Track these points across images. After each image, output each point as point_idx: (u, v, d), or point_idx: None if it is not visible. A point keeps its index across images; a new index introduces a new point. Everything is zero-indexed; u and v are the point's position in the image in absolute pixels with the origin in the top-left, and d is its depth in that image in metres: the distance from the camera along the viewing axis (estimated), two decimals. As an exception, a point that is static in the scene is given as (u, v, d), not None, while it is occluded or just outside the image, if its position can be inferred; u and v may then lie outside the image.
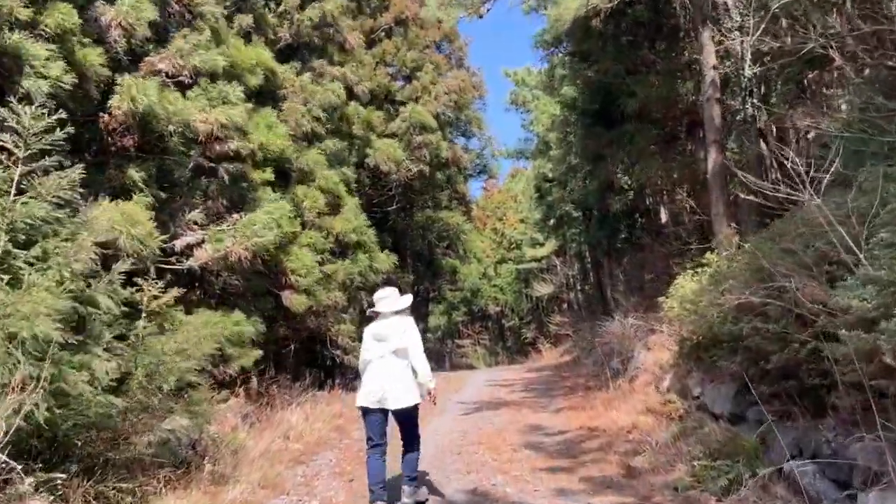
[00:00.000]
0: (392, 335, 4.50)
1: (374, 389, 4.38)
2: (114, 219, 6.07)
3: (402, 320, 4.62)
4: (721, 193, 9.43)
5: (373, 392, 4.38)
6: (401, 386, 4.38)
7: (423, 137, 15.25)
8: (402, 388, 4.39)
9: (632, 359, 9.13)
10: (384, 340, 4.51)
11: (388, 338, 4.51)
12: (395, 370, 4.42)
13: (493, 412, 8.26)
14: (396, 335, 4.50)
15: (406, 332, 4.52)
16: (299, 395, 9.92)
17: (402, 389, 4.38)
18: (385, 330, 4.54)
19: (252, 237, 7.91)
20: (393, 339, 4.49)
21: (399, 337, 4.49)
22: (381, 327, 4.58)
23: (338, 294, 11.14)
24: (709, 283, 5.98)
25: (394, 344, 4.47)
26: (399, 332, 4.51)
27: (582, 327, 26.01)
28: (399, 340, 4.48)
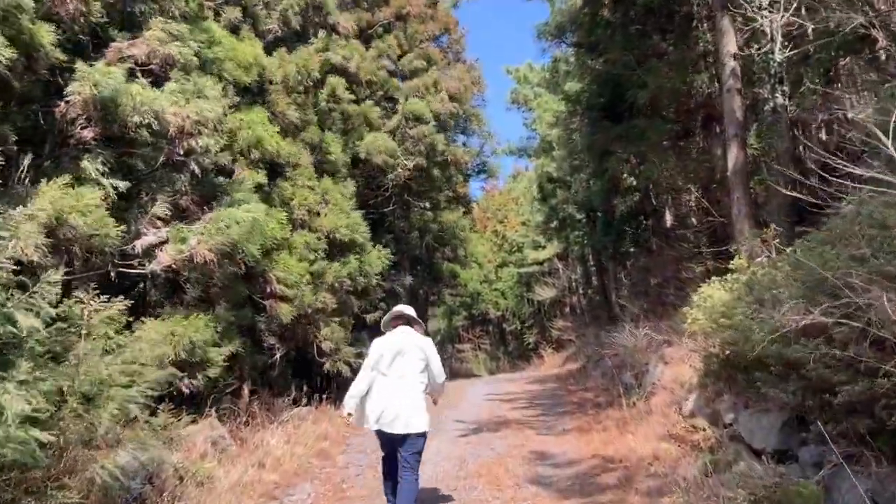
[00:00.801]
0: (412, 353, 4.29)
1: (383, 412, 4.15)
2: (58, 205, 5.30)
3: (422, 339, 4.45)
4: (743, 192, 8.64)
5: (382, 415, 4.16)
6: (413, 410, 4.16)
7: (419, 129, 14.44)
8: (414, 411, 4.16)
9: (646, 374, 8.32)
10: (402, 357, 4.28)
11: (406, 355, 4.28)
12: (406, 392, 4.19)
13: (494, 434, 7.45)
14: (418, 355, 4.30)
15: (426, 351, 4.34)
16: (283, 411, 9.14)
17: (413, 413, 4.15)
18: (404, 346, 4.31)
19: (218, 235, 7.13)
20: (411, 358, 4.28)
21: (420, 357, 4.30)
22: (398, 342, 4.34)
23: (326, 297, 10.36)
24: (744, 293, 5.18)
25: (413, 363, 4.26)
26: (421, 352, 4.32)
27: (585, 333, 25.24)
28: (418, 360, 4.29)
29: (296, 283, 9.61)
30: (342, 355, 10.66)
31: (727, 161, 8.86)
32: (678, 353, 7.97)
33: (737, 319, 4.68)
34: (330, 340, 10.39)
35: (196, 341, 7.15)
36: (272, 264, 9.50)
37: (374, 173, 15.19)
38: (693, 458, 5.20)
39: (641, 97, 10.16)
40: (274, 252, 9.69)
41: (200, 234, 7.33)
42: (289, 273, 9.59)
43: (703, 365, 6.09)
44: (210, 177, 8.32)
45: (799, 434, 4.11)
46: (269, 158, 9.79)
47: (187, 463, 5.91)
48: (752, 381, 4.87)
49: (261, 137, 9.52)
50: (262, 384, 11.44)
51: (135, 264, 7.23)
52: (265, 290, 9.59)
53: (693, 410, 5.90)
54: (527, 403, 9.79)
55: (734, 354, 5.13)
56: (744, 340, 4.57)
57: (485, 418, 8.60)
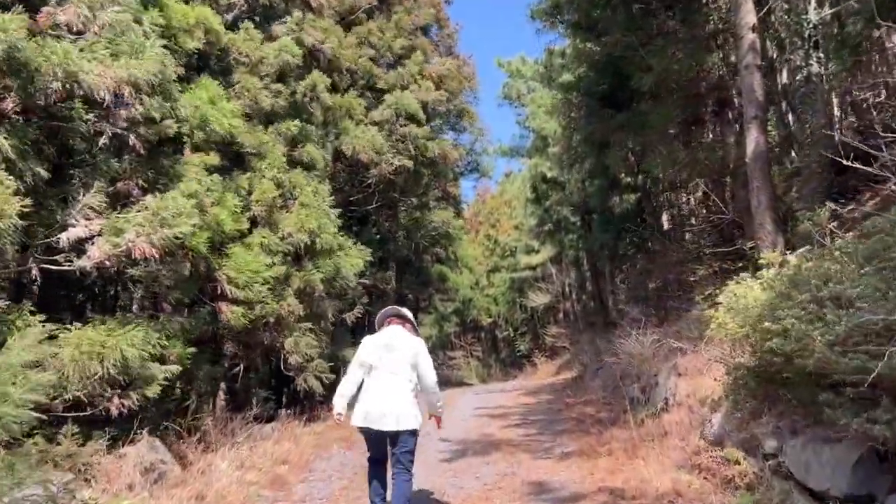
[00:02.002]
0: (403, 351, 4.24)
1: (374, 408, 4.08)
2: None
3: (414, 339, 4.40)
4: (763, 181, 7.64)
5: (373, 412, 4.08)
6: (404, 406, 4.10)
7: (409, 129, 13.41)
8: (405, 408, 4.10)
9: (655, 386, 7.29)
10: (391, 353, 4.23)
11: (396, 351, 4.24)
12: (402, 390, 4.15)
13: (482, 458, 6.39)
14: (408, 353, 4.25)
15: (419, 355, 4.28)
16: (243, 429, 8.06)
17: (404, 410, 4.09)
18: (395, 342, 4.27)
19: (162, 227, 6.07)
20: (402, 357, 4.23)
21: (410, 357, 4.24)
22: (389, 339, 4.30)
23: (292, 302, 9.28)
24: (788, 290, 4.16)
25: (403, 361, 4.21)
26: (411, 350, 4.26)
27: (580, 340, 24.28)
28: (409, 360, 4.23)
29: (248, 282, 8.52)
30: (313, 368, 9.58)
31: (745, 147, 7.87)
32: (694, 363, 6.95)
33: (787, 323, 3.65)
34: (296, 352, 9.29)
35: (130, 355, 6.06)
36: (222, 262, 8.44)
37: (356, 169, 14.16)
38: (726, 497, 4.17)
39: (646, 81, 9.17)
40: (225, 248, 8.63)
41: (140, 226, 6.30)
42: (241, 272, 8.52)
43: (731, 378, 5.06)
44: (157, 155, 7.29)
45: (884, 476, 3.09)
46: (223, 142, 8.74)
47: (103, 499, 4.84)
48: (806, 401, 3.85)
49: (208, 116, 8.42)
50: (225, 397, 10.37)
51: (61, 261, 6.20)
52: (214, 290, 8.52)
53: (720, 434, 4.86)
54: (520, 419, 8.73)
55: (778, 366, 4.11)
56: (799, 349, 3.55)
57: (472, 438, 7.54)
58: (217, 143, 8.63)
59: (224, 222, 8.41)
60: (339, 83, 14.41)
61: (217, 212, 8.48)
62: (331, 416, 10.32)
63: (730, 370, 5.14)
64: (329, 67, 13.58)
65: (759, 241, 7.71)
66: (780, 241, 7.58)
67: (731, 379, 5.12)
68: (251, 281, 8.49)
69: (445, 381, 22.65)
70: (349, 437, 8.26)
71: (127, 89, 6.28)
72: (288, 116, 10.75)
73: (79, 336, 5.70)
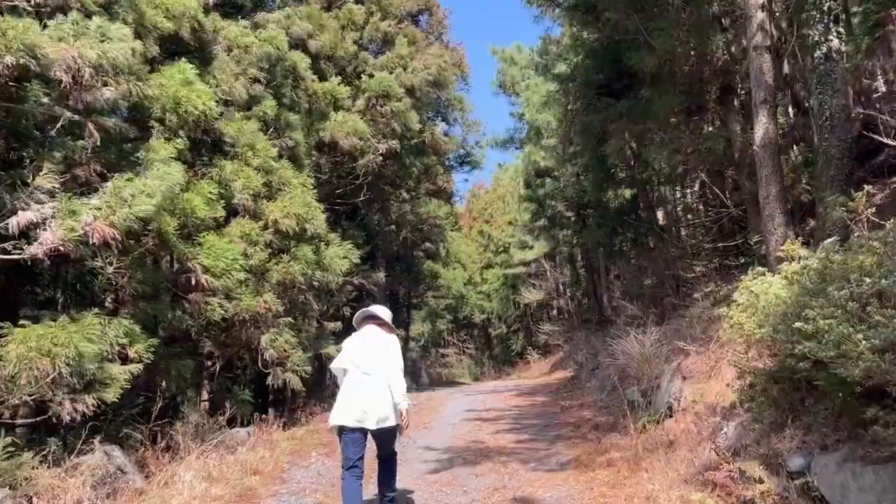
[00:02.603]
0: (379, 350, 4.31)
1: (354, 407, 4.10)
2: None
3: (389, 336, 4.46)
4: (773, 170, 7.15)
5: (353, 410, 4.09)
6: (384, 405, 4.15)
7: (389, 106, 12.83)
8: (386, 406, 4.16)
9: (657, 390, 6.78)
10: (368, 353, 4.28)
11: (374, 352, 4.29)
12: (379, 387, 4.18)
13: (471, 468, 5.87)
14: (383, 352, 4.31)
15: (390, 349, 4.34)
16: (215, 433, 7.52)
17: (385, 408, 4.15)
18: (371, 342, 4.36)
19: (122, 208, 5.53)
20: (378, 355, 4.28)
21: (384, 353, 4.30)
22: (367, 339, 4.38)
23: (270, 297, 8.74)
24: (818, 284, 3.65)
25: (380, 360, 4.26)
26: (385, 348, 4.33)
27: (574, 337, 23.83)
28: (384, 357, 4.28)
29: (226, 270, 7.97)
30: (291, 365, 9.04)
31: (750, 135, 7.37)
32: (699, 366, 6.47)
33: (823, 324, 3.14)
34: (273, 348, 8.74)
35: (87, 352, 5.53)
36: (196, 250, 7.89)
37: (342, 159, 13.59)
38: (744, 520, 3.67)
39: (648, 64, 8.66)
40: (200, 235, 8.09)
41: (97, 209, 5.75)
42: (218, 259, 7.97)
43: (745, 383, 4.56)
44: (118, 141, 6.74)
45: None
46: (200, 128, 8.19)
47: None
48: (841, 413, 3.35)
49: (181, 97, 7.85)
50: (197, 399, 9.81)
51: (10, 248, 5.65)
52: (188, 281, 7.96)
53: (735, 447, 4.35)
54: (512, 423, 8.22)
55: (805, 372, 3.61)
56: (837, 355, 3.04)
57: (460, 445, 7.02)
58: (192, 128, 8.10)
59: (197, 208, 7.88)
60: (325, 70, 13.86)
61: (190, 198, 7.95)
62: (312, 420, 9.79)
63: (743, 374, 4.64)
64: (314, 55, 13.04)
65: (766, 235, 7.23)
66: (789, 235, 7.08)
67: (745, 383, 4.62)
68: (229, 268, 7.96)
69: (436, 382, 22.14)
70: (330, 443, 7.73)
71: (88, 70, 5.78)
72: (268, 101, 10.22)
73: (26, 332, 5.16)
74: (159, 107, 7.77)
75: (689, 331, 8.93)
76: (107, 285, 7.07)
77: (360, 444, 4.09)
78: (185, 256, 7.73)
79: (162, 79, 7.81)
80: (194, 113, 7.84)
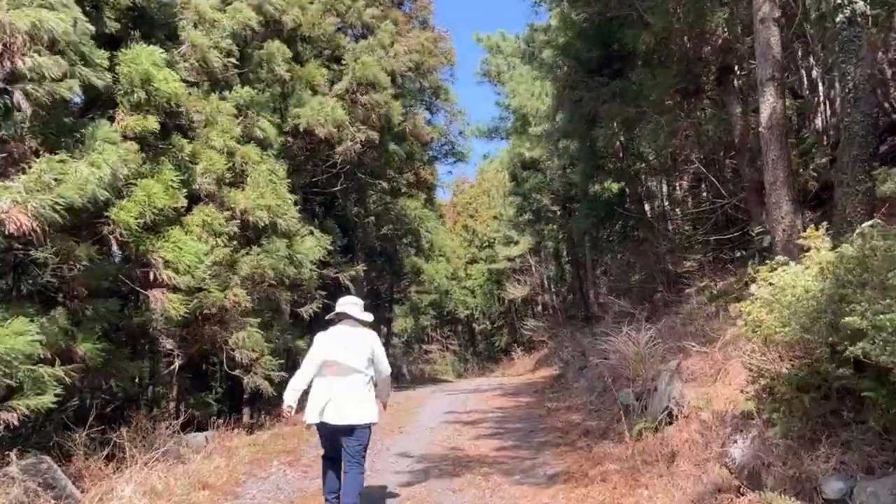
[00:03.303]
0: (356, 345, 4.20)
1: (328, 404, 4.02)
2: None
3: (367, 333, 4.35)
4: (781, 153, 6.57)
5: (327, 407, 4.02)
6: (357, 402, 4.08)
7: (371, 97, 12.13)
8: (358, 404, 4.08)
9: (654, 392, 6.17)
10: (345, 349, 4.17)
11: (350, 346, 4.19)
12: (353, 384, 4.11)
13: (448, 483, 5.22)
14: (362, 347, 4.21)
15: (374, 348, 4.26)
16: (166, 440, 6.80)
17: (357, 405, 4.07)
18: (348, 337, 4.23)
19: (42, 193, 4.82)
20: (357, 353, 4.18)
21: (365, 353, 4.20)
22: (342, 334, 4.25)
23: (238, 292, 8.05)
24: (860, 276, 3.05)
25: (358, 356, 4.16)
26: (365, 344, 4.23)
27: (560, 333, 23.32)
28: (364, 356, 4.19)
29: (191, 267, 7.29)
30: (262, 366, 8.34)
31: (760, 114, 6.78)
32: (701, 367, 5.88)
33: (882, 320, 2.53)
34: (242, 349, 8.04)
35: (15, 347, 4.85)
36: (158, 243, 7.21)
37: (319, 146, 12.85)
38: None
39: (643, 41, 8.04)
40: (162, 227, 7.41)
41: (19, 193, 5.05)
42: (181, 255, 7.28)
43: (762, 389, 3.96)
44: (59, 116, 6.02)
45: None
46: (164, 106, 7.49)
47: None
48: (890, 429, 2.74)
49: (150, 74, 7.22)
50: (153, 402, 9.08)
51: (-79, 235, 4.94)
52: (147, 275, 7.27)
53: (752, 465, 3.74)
54: (495, 428, 7.58)
55: (848, 379, 3.00)
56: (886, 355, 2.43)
57: (438, 452, 6.37)
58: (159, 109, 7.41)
59: (157, 196, 7.17)
60: (302, 53, 13.12)
61: (148, 185, 7.23)
62: (277, 424, 9.09)
63: (757, 378, 4.04)
64: (291, 36, 12.30)
65: (772, 225, 6.64)
66: (797, 224, 6.51)
67: (759, 387, 4.02)
68: (194, 265, 7.26)
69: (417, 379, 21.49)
70: (294, 450, 7.07)
71: (19, 37, 5.09)
72: (242, 85, 9.53)
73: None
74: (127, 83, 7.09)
75: (684, 328, 8.37)
76: (53, 279, 6.34)
77: (336, 438, 4.10)
78: (144, 249, 7.05)
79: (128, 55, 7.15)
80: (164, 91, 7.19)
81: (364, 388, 4.15)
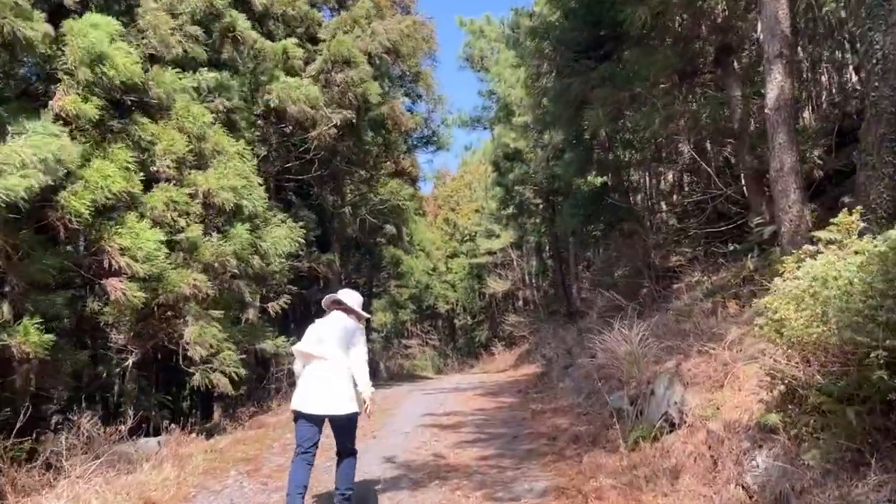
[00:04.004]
0: (341, 335, 4.19)
1: (312, 393, 4.02)
2: None
3: (352, 322, 4.30)
4: (788, 138, 6.06)
5: (310, 396, 4.01)
6: (343, 392, 4.05)
7: (346, 74, 11.44)
8: (345, 393, 4.06)
9: (650, 397, 5.63)
10: (331, 339, 4.16)
11: (336, 338, 4.17)
12: (339, 374, 4.09)
13: (420, 497, 4.63)
14: (345, 337, 4.19)
15: (354, 336, 4.24)
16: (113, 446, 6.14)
17: (344, 395, 4.05)
18: (334, 326, 4.23)
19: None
20: (339, 342, 4.16)
21: (345, 341, 4.18)
22: (329, 324, 4.26)
23: (199, 277, 7.38)
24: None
25: (339, 348, 4.15)
26: (348, 333, 4.21)
27: (541, 329, 22.86)
28: (345, 345, 4.18)
29: (151, 256, 6.66)
30: (220, 365, 7.67)
31: (766, 94, 6.25)
32: (704, 369, 5.33)
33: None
34: (200, 344, 7.37)
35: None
36: (113, 229, 6.55)
37: (292, 129, 12.16)
38: None
39: (639, 17, 7.47)
40: (117, 212, 6.77)
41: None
42: (139, 241, 6.64)
43: (790, 400, 3.41)
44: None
45: None
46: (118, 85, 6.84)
47: None
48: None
49: (99, 50, 6.57)
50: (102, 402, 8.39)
51: None
52: (101, 264, 6.61)
53: (779, 488, 3.19)
54: (475, 432, 7.00)
55: None
56: None
57: (412, 460, 5.78)
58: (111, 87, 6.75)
59: (112, 180, 6.52)
60: (275, 32, 12.40)
61: (102, 167, 6.57)
62: (242, 426, 8.44)
63: (774, 385, 3.50)
64: (262, 14, 11.58)
65: (779, 215, 6.13)
66: (806, 214, 6.01)
67: (776, 396, 3.48)
68: (154, 253, 6.62)
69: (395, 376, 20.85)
70: (255, 457, 6.42)
71: None
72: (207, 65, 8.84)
73: None
74: (74, 59, 6.40)
75: (678, 325, 7.84)
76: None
77: (314, 431, 4.02)
78: (99, 236, 6.39)
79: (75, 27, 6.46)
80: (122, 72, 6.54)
81: (348, 377, 4.11)
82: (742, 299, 7.20)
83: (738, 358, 4.92)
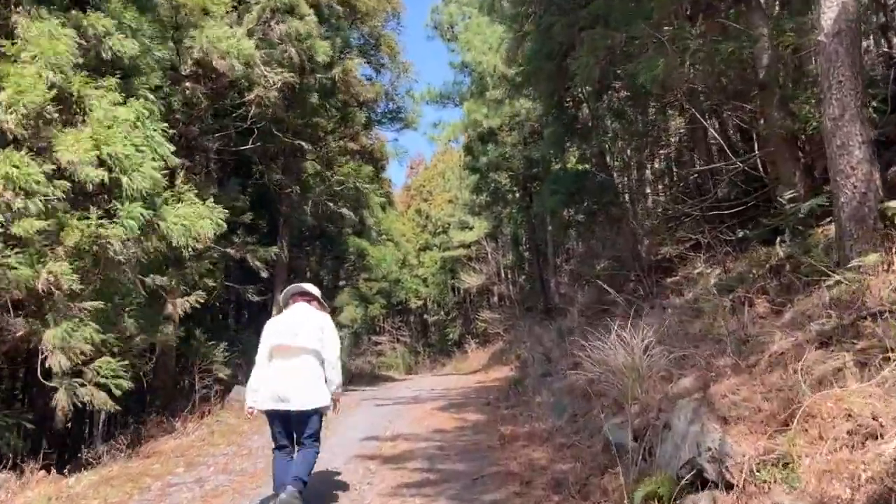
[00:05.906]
0: (308, 328, 4.07)
1: (277, 389, 3.92)
2: None
3: (320, 316, 4.25)
4: (852, 73, 4.43)
5: (274, 392, 3.92)
6: (309, 386, 3.96)
7: (288, 25, 9.62)
8: (310, 388, 3.96)
9: (667, 431, 3.96)
10: (296, 332, 4.05)
11: (300, 332, 4.05)
12: (305, 368, 3.99)
13: None
14: (313, 331, 4.08)
15: (324, 330, 4.12)
16: None
17: (309, 390, 3.95)
18: (298, 320, 4.12)
19: None
20: (307, 334, 4.05)
21: (315, 333, 4.07)
22: (293, 317, 4.15)
23: (57, 269, 5.56)
24: None
25: (307, 340, 4.03)
26: (316, 327, 4.10)
27: (517, 326, 21.43)
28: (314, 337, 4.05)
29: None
30: (95, 376, 5.85)
31: (820, 16, 4.61)
32: (748, 397, 3.64)
33: None
34: (65, 350, 5.55)
35: None
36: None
37: (224, 91, 10.31)
38: None
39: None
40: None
41: None
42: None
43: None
44: None
45: None
46: None
47: None
48: None
49: None
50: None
51: None
52: None
53: None
54: (424, 469, 5.23)
55: None
56: None
57: None
58: None
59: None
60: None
61: None
62: (122, 456, 6.64)
63: None
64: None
65: (837, 179, 4.49)
66: (876, 177, 4.40)
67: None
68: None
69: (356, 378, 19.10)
70: None
71: None
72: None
73: None
74: None
75: (684, 327, 6.23)
76: None
77: (286, 424, 3.96)
78: None
79: None
80: None
81: (314, 372, 3.99)
82: (771, 295, 5.61)
83: (801, 381, 3.28)
